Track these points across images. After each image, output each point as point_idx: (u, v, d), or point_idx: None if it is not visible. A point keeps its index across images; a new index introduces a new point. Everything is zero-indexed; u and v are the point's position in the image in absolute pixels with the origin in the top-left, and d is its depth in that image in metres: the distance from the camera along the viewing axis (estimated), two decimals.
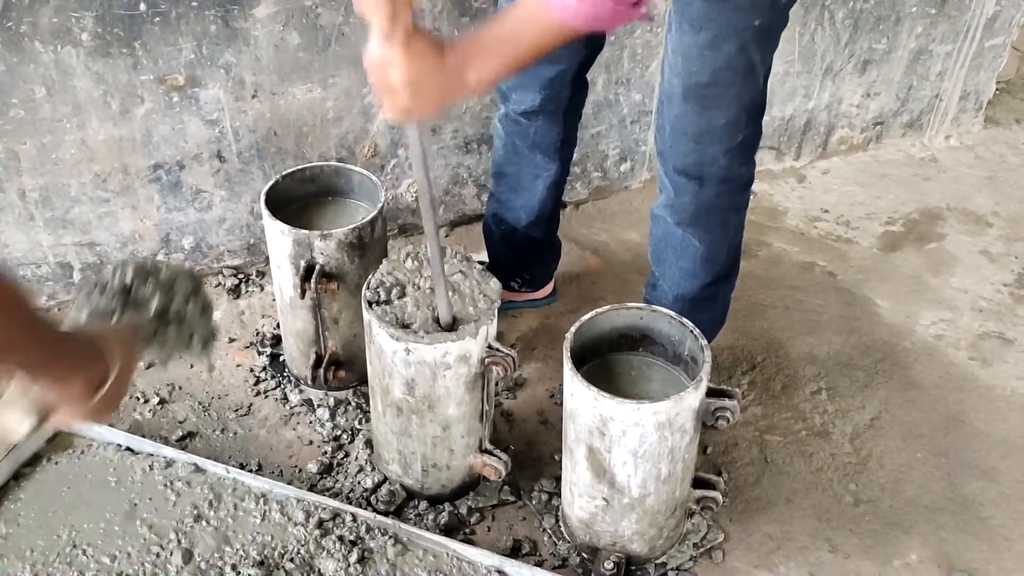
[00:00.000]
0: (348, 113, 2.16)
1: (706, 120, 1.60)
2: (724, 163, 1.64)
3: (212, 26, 1.91)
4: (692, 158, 1.65)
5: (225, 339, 2.11)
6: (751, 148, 1.68)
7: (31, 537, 1.64)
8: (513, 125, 1.93)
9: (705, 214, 1.73)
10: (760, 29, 1.50)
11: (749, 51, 1.51)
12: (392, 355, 1.56)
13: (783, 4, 1.51)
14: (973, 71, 2.82)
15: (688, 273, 1.81)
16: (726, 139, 1.62)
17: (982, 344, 2.20)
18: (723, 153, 1.63)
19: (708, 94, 1.56)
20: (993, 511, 1.82)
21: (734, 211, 1.78)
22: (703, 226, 1.75)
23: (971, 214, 2.63)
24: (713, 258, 1.80)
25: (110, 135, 1.97)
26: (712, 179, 1.67)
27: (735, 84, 1.55)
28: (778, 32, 1.56)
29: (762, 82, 1.58)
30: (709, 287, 1.84)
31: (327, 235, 1.72)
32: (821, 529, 1.77)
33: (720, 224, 1.77)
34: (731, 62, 1.52)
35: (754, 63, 1.53)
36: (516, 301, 2.21)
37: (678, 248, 1.79)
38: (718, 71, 1.53)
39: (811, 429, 1.97)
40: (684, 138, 1.63)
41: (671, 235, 1.79)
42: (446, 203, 2.43)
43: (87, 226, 2.07)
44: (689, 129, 1.62)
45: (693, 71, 1.55)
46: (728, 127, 1.60)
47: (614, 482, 1.54)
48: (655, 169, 2.62)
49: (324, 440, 1.89)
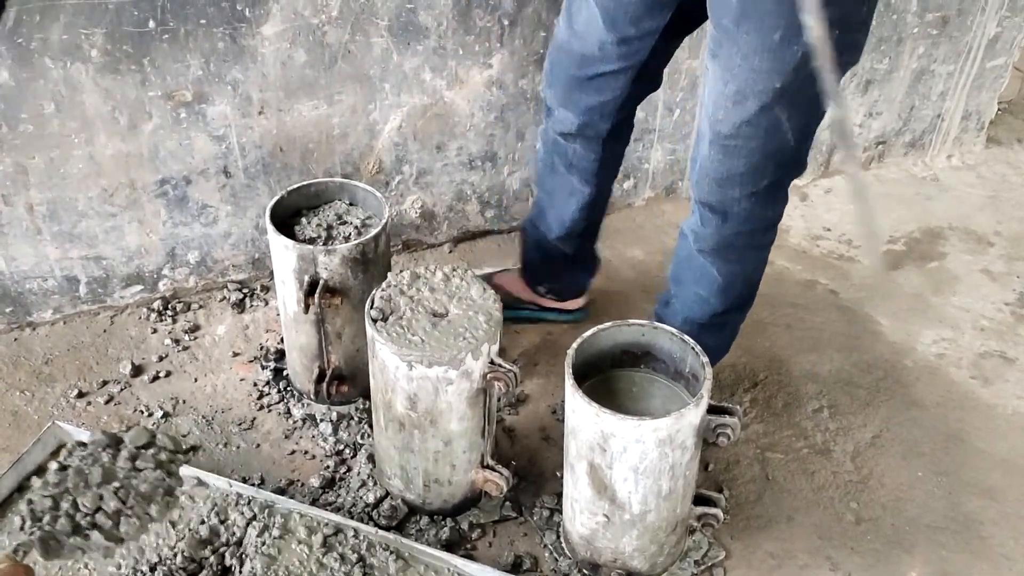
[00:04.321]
0: (353, 130, 2.18)
1: (727, 167, 1.59)
2: (747, 206, 1.64)
3: (220, 43, 1.93)
4: (715, 197, 1.66)
5: (229, 353, 2.12)
6: (777, 193, 1.67)
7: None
8: (552, 143, 1.93)
9: (726, 248, 1.73)
10: (784, 91, 1.46)
11: (774, 111, 1.49)
12: (394, 370, 1.57)
13: (811, 68, 1.37)
14: (975, 91, 2.83)
15: (702, 300, 1.81)
16: (748, 184, 1.61)
17: (983, 363, 2.20)
18: (745, 196, 1.63)
19: (730, 144, 1.56)
20: (994, 530, 1.82)
21: (755, 249, 1.77)
22: (723, 258, 1.75)
23: (973, 233, 2.64)
24: (729, 290, 1.79)
25: (118, 150, 1.99)
26: (735, 217, 1.67)
27: (757, 138, 1.53)
28: (810, 95, 1.44)
29: (791, 137, 1.54)
30: (720, 316, 1.84)
31: (331, 250, 1.74)
32: (822, 547, 1.77)
33: (739, 259, 1.76)
34: (753, 119, 1.50)
35: (779, 121, 1.50)
36: (543, 307, 2.23)
37: (697, 273, 1.79)
38: (740, 125, 1.52)
39: (812, 447, 1.97)
40: (707, 179, 1.64)
41: (693, 259, 1.78)
42: (449, 219, 2.44)
43: (94, 240, 2.09)
44: (711, 173, 1.63)
45: (719, 119, 1.55)
46: (750, 175, 1.59)
47: (615, 498, 1.54)
48: (658, 187, 2.65)
49: (327, 454, 1.89)
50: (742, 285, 1.81)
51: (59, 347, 2.11)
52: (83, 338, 2.13)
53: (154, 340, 2.14)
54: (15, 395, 1.99)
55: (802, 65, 1.42)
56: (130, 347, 2.12)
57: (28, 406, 1.97)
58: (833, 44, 1.26)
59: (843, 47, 1.36)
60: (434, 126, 2.26)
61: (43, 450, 1.80)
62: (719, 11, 1.48)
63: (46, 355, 2.09)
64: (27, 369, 2.05)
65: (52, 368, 2.06)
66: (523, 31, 2.19)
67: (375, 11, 2.03)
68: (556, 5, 2.17)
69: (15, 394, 1.99)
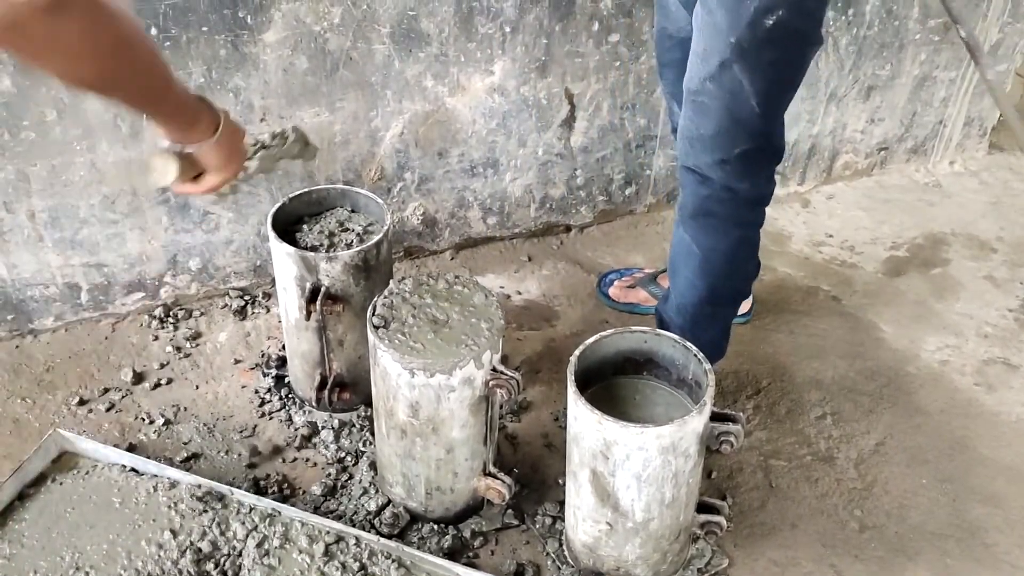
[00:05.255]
0: (355, 136, 2.18)
1: (696, 125, 1.65)
2: (721, 174, 1.68)
3: (222, 50, 1.93)
4: (691, 160, 1.71)
5: (231, 360, 2.11)
6: (750, 166, 1.69)
7: (35, 558, 1.63)
8: None
9: (705, 216, 1.76)
10: (740, 48, 1.52)
11: (733, 69, 1.54)
12: (396, 377, 1.57)
13: (767, 27, 1.49)
14: (977, 97, 2.83)
15: (690, 283, 1.84)
16: (717, 150, 1.65)
17: (987, 370, 2.20)
18: (716, 163, 1.67)
19: (698, 101, 1.62)
20: (999, 538, 1.81)
21: (736, 225, 1.78)
22: (701, 229, 1.77)
23: (975, 239, 2.64)
24: (710, 270, 1.81)
25: (119, 157, 1.99)
26: (710, 182, 1.71)
27: (720, 97, 1.58)
28: (769, 58, 1.53)
29: (755, 103, 1.58)
30: (709, 305, 1.85)
31: (333, 257, 1.73)
32: (826, 555, 1.77)
33: (719, 231, 1.77)
34: (715, 75, 1.56)
35: (740, 82, 1.55)
36: None
37: (684, 254, 1.83)
38: (704, 80, 1.58)
39: (816, 454, 1.96)
40: (683, 139, 1.71)
41: (680, 242, 1.83)
42: (451, 226, 2.44)
43: (95, 247, 2.09)
44: (685, 132, 1.69)
45: (690, 76, 1.63)
46: (718, 138, 1.63)
47: (618, 506, 1.54)
48: (660, 193, 2.65)
49: (328, 462, 1.89)
50: (723, 265, 1.81)
51: (60, 354, 2.10)
52: (84, 345, 2.13)
53: (155, 347, 2.14)
54: (16, 403, 1.99)
55: (756, 22, 1.49)
56: (131, 354, 2.12)
57: (29, 413, 1.97)
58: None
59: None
60: (436, 133, 2.26)
61: (44, 458, 1.80)
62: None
63: (47, 362, 2.08)
64: (28, 376, 2.05)
65: (53, 375, 2.05)
66: (524, 38, 2.19)
67: (377, 18, 2.03)
68: (558, 12, 2.17)
69: (16, 402, 1.99)
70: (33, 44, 0.91)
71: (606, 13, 2.23)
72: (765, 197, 1.77)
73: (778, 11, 1.48)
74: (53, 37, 0.91)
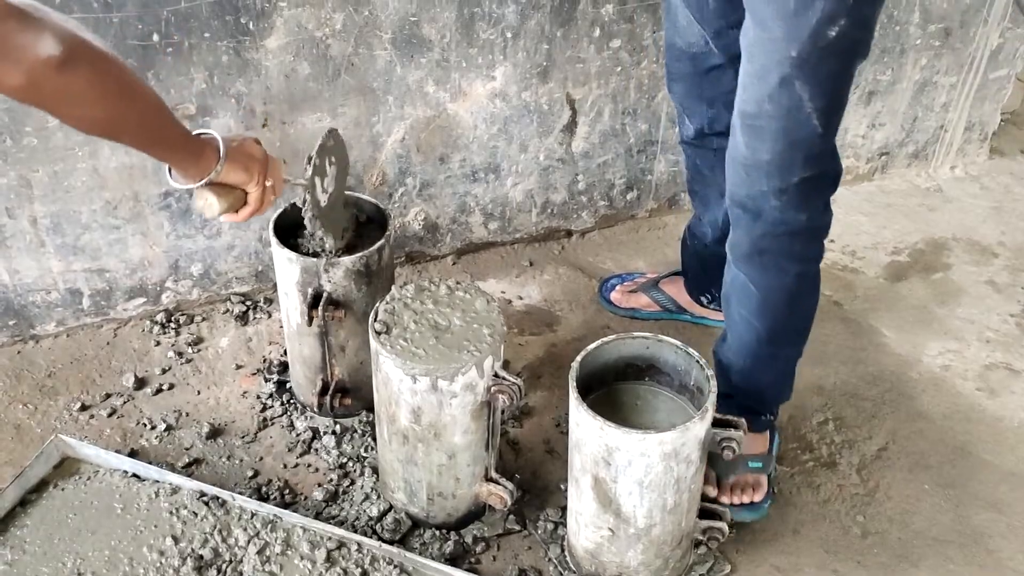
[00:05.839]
0: (357, 142, 2.18)
1: (752, 151, 1.55)
2: (777, 203, 1.58)
3: (224, 56, 1.94)
4: (744, 190, 1.60)
5: (232, 366, 2.11)
6: (810, 194, 1.59)
7: (37, 564, 1.63)
8: (692, 148, 1.96)
9: (760, 255, 1.66)
10: (801, 62, 1.44)
11: (793, 85, 1.46)
12: (398, 383, 1.57)
13: (830, 38, 1.42)
14: (978, 102, 2.83)
15: (746, 322, 1.74)
16: (775, 177, 1.55)
17: (989, 375, 2.19)
18: (773, 192, 1.57)
19: (755, 125, 1.53)
20: (1002, 543, 1.81)
21: (792, 260, 1.67)
22: (757, 267, 1.67)
23: (977, 244, 2.64)
24: (770, 308, 1.71)
25: (121, 163, 1.99)
26: (767, 216, 1.60)
27: (779, 118, 1.50)
28: (828, 71, 1.47)
29: (817, 123, 1.50)
30: (769, 345, 1.75)
31: (334, 263, 1.73)
32: (829, 561, 1.76)
33: (776, 270, 1.67)
34: (773, 94, 1.48)
35: (800, 99, 1.47)
36: (707, 319, 2.25)
37: (740, 292, 1.73)
38: (761, 101, 1.50)
39: (818, 460, 1.96)
40: (737, 168, 1.60)
41: (734, 279, 1.72)
42: (453, 231, 2.44)
43: (97, 252, 2.09)
44: (740, 158, 1.58)
45: (744, 99, 1.54)
46: (775, 164, 1.54)
47: (620, 512, 1.54)
48: (661, 198, 2.65)
49: (330, 468, 1.89)
50: (784, 306, 1.72)
51: (62, 360, 2.10)
52: (86, 351, 2.13)
53: (157, 353, 2.14)
54: (18, 408, 1.99)
55: (818, 33, 1.41)
56: (133, 360, 2.12)
57: (31, 419, 1.97)
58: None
59: None
60: (437, 138, 2.26)
61: (46, 463, 1.80)
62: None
63: (49, 368, 2.08)
64: (30, 382, 2.05)
65: (55, 381, 2.05)
66: (526, 43, 2.19)
67: (378, 24, 2.03)
68: (559, 18, 2.17)
69: (18, 407, 1.99)
70: (49, 96, 1.06)
71: (607, 19, 2.23)
72: (823, 228, 1.67)
73: (840, 20, 1.40)
74: (65, 89, 1.05)
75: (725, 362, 1.82)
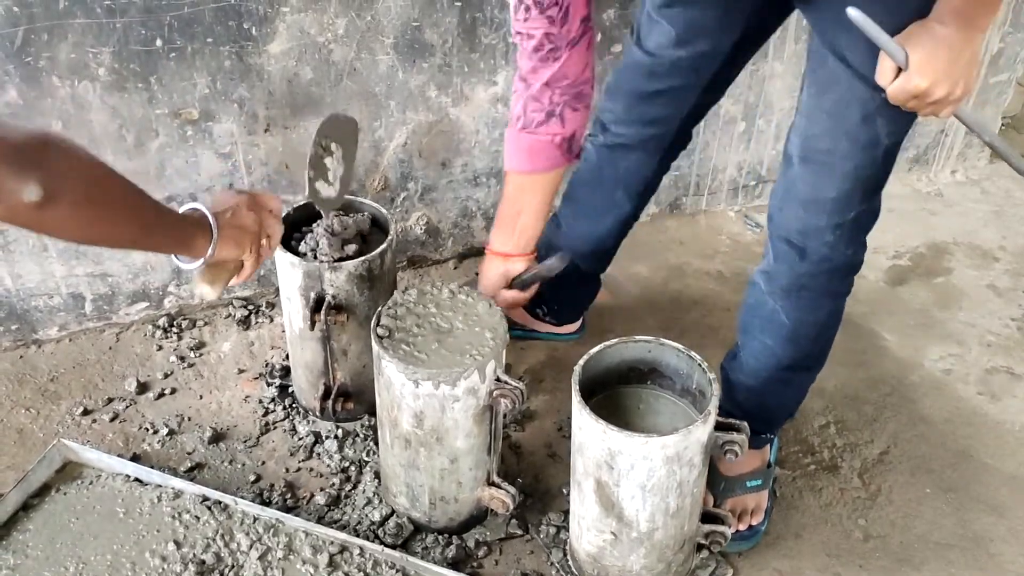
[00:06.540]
0: (359, 147, 2.18)
1: (815, 188, 1.51)
2: (830, 239, 1.55)
3: (227, 61, 1.94)
4: (797, 225, 1.56)
5: (235, 370, 2.12)
6: (862, 229, 1.58)
7: (39, 569, 1.63)
8: (607, 153, 1.87)
9: (799, 290, 1.63)
10: (887, 100, 1.38)
11: (875, 123, 1.42)
12: (400, 387, 1.57)
13: None
14: (978, 106, 2.84)
15: (768, 350, 1.71)
16: (835, 214, 1.52)
17: (990, 379, 2.20)
18: (830, 228, 1.53)
19: (825, 161, 1.48)
20: (1003, 547, 1.81)
21: (830, 297, 1.66)
22: (794, 302, 1.64)
23: (978, 248, 2.64)
24: (797, 341, 1.68)
25: (124, 168, 1.97)
26: (814, 254, 1.57)
27: (854, 157, 1.46)
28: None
29: (882, 157, 1.48)
30: (785, 370, 1.73)
31: (337, 267, 1.74)
32: (831, 565, 1.76)
33: (812, 306, 1.65)
34: (851, 131, 1.44)
35: (878, 136, 1.44)
36: (536, 331, 2.22)
37: (765, 320, 1.69)
38: (838, 138, 1.45)
39: (820, 463, 1.96)
40: (793, 203, 1.56)
41: (762, 305, 1.68)
42: (454, 236, 2.45)
43: (99, 257, 2.09)
44: (799, 195, 1.54)
45: (813, 134, 1.49)
46: (839, 201, 1.51)
47: (622, 516, 1.54)
48: (662, 203, 2.65)
49: (332, 472, 1.89)
50: (812, 338, 1.70)
51: (64, 364, 2.11)
52: (88, 355, 2.13)
53: (159, 357, 2.14)
54: (20, 413, 1.99)
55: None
56: (135, 364, 2.12)
57: (33, 423, 1.97)
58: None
59: None
60: (439, 143, 2.27)
61: (48, 468, 1.80)
62: (823, 28, 1.44)
63: (51, 372, 2.09)
64: (32, 387, 2.05)
65: (57, 385, 2.06)
66: None
67: (381, 29, 2.04)
68: None
69: (20, 412, 1.99)
70: (30, 226, 1.07)
71: (608, 24, 2.24)
72: (859, 264, 1.65)
73: None
74: (47, 222, 1.06)
75: (735, 381, 1.77)
